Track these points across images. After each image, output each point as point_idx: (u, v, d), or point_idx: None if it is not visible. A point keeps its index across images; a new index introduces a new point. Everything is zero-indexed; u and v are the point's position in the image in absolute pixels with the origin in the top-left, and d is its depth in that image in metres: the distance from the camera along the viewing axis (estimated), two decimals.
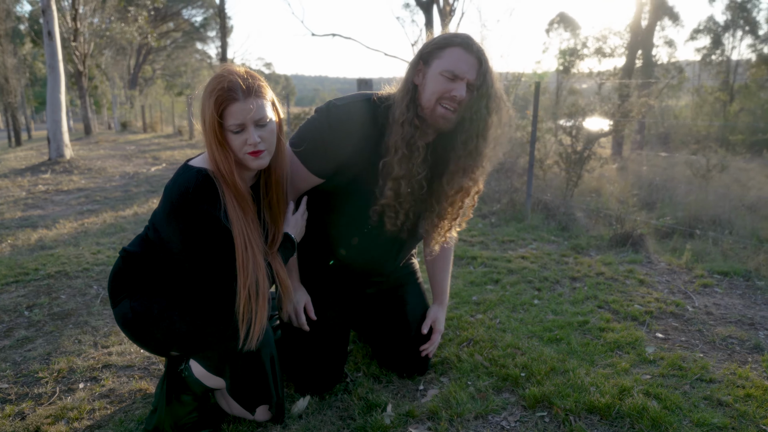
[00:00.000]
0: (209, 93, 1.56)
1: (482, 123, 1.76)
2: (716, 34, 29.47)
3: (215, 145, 1.57)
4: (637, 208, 6.66)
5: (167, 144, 17.12)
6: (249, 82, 1.59)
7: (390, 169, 1.80)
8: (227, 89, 1.55)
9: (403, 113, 1.73)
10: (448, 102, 1.71)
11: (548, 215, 5.54)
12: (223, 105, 1.55)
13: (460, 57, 1.67)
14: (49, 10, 11.50)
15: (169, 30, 43.75)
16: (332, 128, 1.79)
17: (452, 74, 1.67)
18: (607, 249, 4.50)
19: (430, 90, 1.71)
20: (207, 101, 1.56)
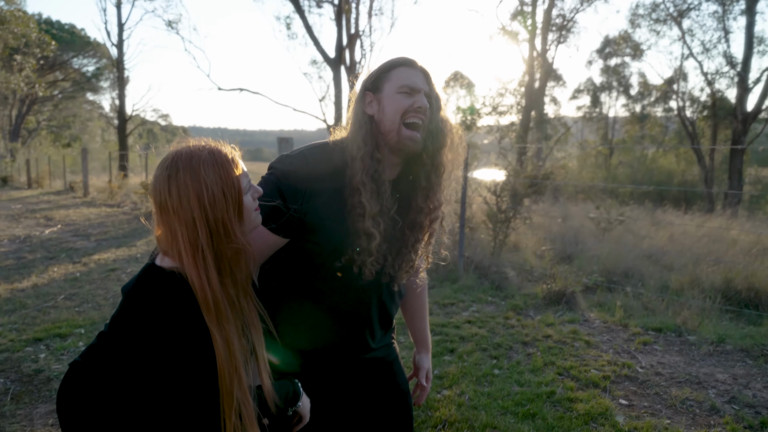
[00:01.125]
0: (217, 164, 1.32)
1: (443, 135, 1.74)
2: (595, 94, 32.46)
3: (229, 226, 1.33)
4: (555, 262, 6.98)
5: (59, 202, 15.86)
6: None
7: (361, 209, 1.70)
8: (232, 160, 1.37)
9: (360, 148, 1.65)
10: (413, 116, 1.66)
11: (481, 275, 5.63)
12: (237, 164, 1.37)
13: (410, 73, 1.66)
14: None
15: (57, 80, 41.37)
16: (288, 178, 1.67)
17: (409, 88, 1.65)
18: (544, 308, 4.62)
19: (391, 111, 1.65)
20: (221, 174, 1.32)
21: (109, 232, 9.61)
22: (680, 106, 20.52)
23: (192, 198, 1.32)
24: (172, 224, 1.33)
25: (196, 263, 1.32)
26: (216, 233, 1.33)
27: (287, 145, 8.24)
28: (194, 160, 1.32)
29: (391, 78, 1.66)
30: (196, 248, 1.32)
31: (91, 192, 17.57)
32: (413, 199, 1.78)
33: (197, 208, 1.32)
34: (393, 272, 1.90)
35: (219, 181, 1.32)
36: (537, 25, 19.73)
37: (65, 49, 40.22)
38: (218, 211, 1.32)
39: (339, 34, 19.35)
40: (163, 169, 1.32)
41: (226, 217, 1.33)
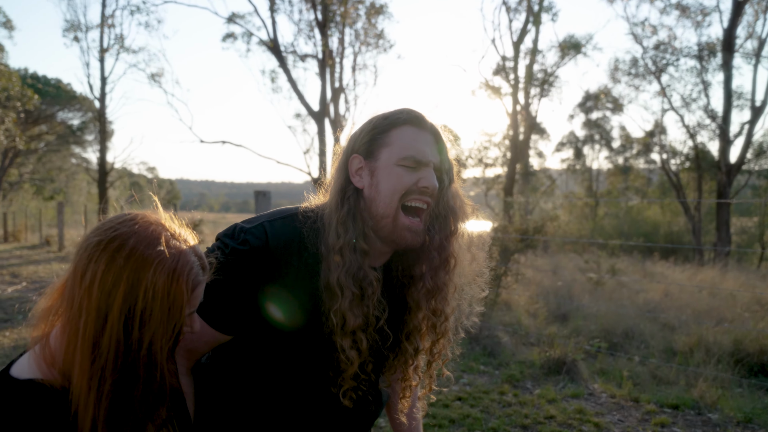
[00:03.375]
0: (175, 275, 0.93)
1: (455, 217, 1.30)
2: (577, 147, 32.81)
3: (158, 358, 0.94)
4: (549, 322, 6.54)
5: (31, 257, 15.19)
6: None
7: (339, 320, 1.22)
8: (197, 270, 0.98)
9: (339, 235, 1.20)
10: (417, 198, 1.22)
11: (471, 339, 5.17)
12: (196, 290, 0.99)
13: (415, 137, 1.22)
14: None
15: (42, 133, 41.14)
16: (240, 260, 1.18)
17: (414, 161, 1.20)
18: (543, 378, 4.15)
19: (387, 189, 1.21)
20: (172, 290, 0.93)
21: None
22: (663, 159, 20.62)
23: (117, 297, 0.89)
24: (76, 317, 0.91)
25: (89, 378, 0.91)
26: (134, 357, 0.92)
27: (264, 198, 7.85)
28: (147, 255, 0.92)
29: (390, 142, 1.23)
30: (94, 359, 0.91)
31: (66, 246, 16.94)
32: (413, 294, 1.31)
33: (116, 312, 0.90)
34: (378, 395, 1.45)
35: (165, 300, 0.92)
36: (519, 79, 19.95)
37: (51, 103, 40.20)
38: (146, 332, 0.91)
39: (323, 88, 19.37)
40: (110, 237, 0.92)
41: (157, 345, 0.92)
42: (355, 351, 1.21)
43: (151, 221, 0.97)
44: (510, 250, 5.59)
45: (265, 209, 7.78)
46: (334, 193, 1.25)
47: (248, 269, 1.17)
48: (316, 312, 1.22)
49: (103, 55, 21.77)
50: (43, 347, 0.96)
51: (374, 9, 19.25)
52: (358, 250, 1.20)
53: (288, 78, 19.29)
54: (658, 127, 20.85)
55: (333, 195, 1.25)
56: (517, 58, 19.85)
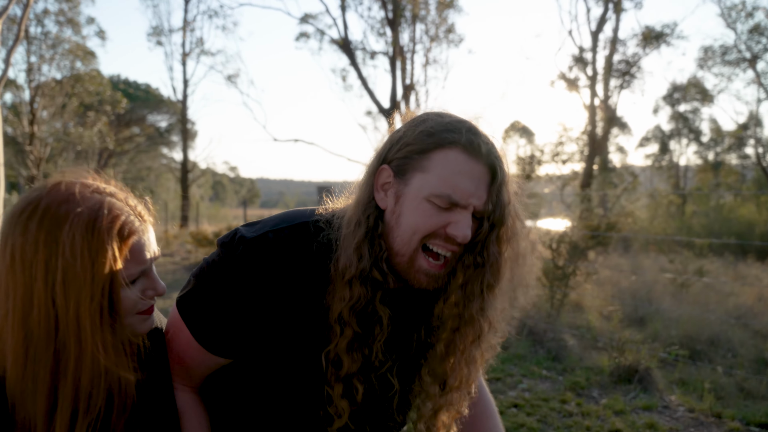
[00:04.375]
0: (93, 230, 0.83)
1: (492, 270, 1.05)
2: (663, 142, 31.02)
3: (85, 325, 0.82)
4: (625, 326, 6.08)
5: None
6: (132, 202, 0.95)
7: (335, 360, 1.03)
8: (128, 220, 0.89)
9: (352, 263, 1.00)
10: (440, 245, 0.99)
11: (535, 341, 4.86)
12: (128, 240, 0.88)
13: (461, 168, 0.96)
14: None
15: (133, 135, 43.81)
16: (241, 280, 1.00)
17: (450, 201, 0.95)
18: (611, 387, 3.81)
19: (409, 225, 0.98)
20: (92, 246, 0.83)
21: None
22: (759, 153, 19.01)
23: (38, 266, 0.81)
24: (3, 300, 0.82)
25: (24, 363, 0.82)
26: (64, 328, 0.82)
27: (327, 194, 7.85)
28: (61, 212, 0.83)
29: (429, 167, 0.97)
30: (26, 341, 0.82)
31: None
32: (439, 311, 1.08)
33: (40, 283, 0.81)
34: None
35: (86, 256, 0.82)
36: (598, 71, 19.02)
37: (141, 107, 42.80)
38: (71, 296, 0.81)
39: (393, 85, 19.29)
40: (22, 207, 0.84)
41: (84, 310, 0.82)
42: (346, 401, 1.03)
43: (65, 180, 0.87)
44: (579, 248, 5.22)
45: None
46: (354, 206, 1.05)
47: (246, 286, 1.00)
48: (317, 342, 1.04)
49: (185, 58, 22.74)
50: None
51: (444, 3, 18.96)
52: (370, 282, 1.00)
53: (358, 75, 19.37)
54: (753, 119, 19.27)
55: (353, 207, 1.05)
56: (596, 48, 18.93)
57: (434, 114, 1.04)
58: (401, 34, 19.17)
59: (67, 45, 22.72)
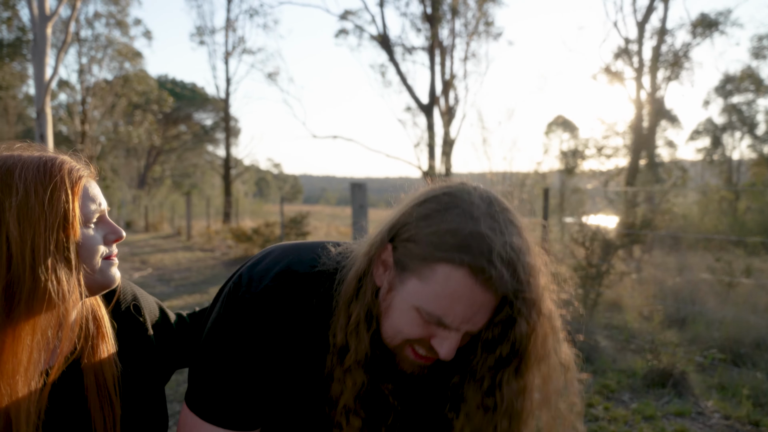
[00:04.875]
0: (44, 170, 0.86)
1: (509, 417, 0.91)
2: (715, 135, 29.83)
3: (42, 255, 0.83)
4: (665, 327, 5.85)
5: (162, 245, 16.59)
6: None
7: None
8: (76, 165, 0.92)
9: (350, 347, 0.92)
10: (424, 352, 0.91)
11: None
12: (79, 182, 0.90)
13: (462, 293, 0.83)
14: (42, 114, 11.39)
15: (180, 132, 45.05)
16: (255, 344, 0.96)
17: (438, 321, 0.86)
18: (643, 391, 3.66)
19: (393, 323, 0.91)
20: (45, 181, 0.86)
21: (190, 278, 9.64)
22: None
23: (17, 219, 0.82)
24: None
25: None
26: (18, 262, 0.82)
27: (360, 191, 7.83)
28: (10, 163, 0.86)
29: (427, 277, 0.84)
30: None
31: (193, 236, 18.28)
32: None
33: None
34: None
35: (40, 191, 0.84)
36: (644, 62, 18.40)
37: (188, 105, 43.97)
38: (27, 230, 0.82)
39: (432, 80, 19.17)
40: None
41: (39, 240, 0.81)
42: None
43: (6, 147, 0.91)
44: (613, 246, 5.05)
45: (361, 202, 7.76)
46: (354, 272, 0.95)
47: (250, 350, 0.95)
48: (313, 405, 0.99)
49: (228, 57, 23.18)
50: None
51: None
52: (371, 365, 0.93)
53: (397, 71, 19.34)
54: None
55: (353, 273, 0.95)
56: (642, 39, 18.30)
57: (458, 203, 0.87)
58: (440, 29, 19.02)
59: (116, 46, 23.48)
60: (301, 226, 11.99)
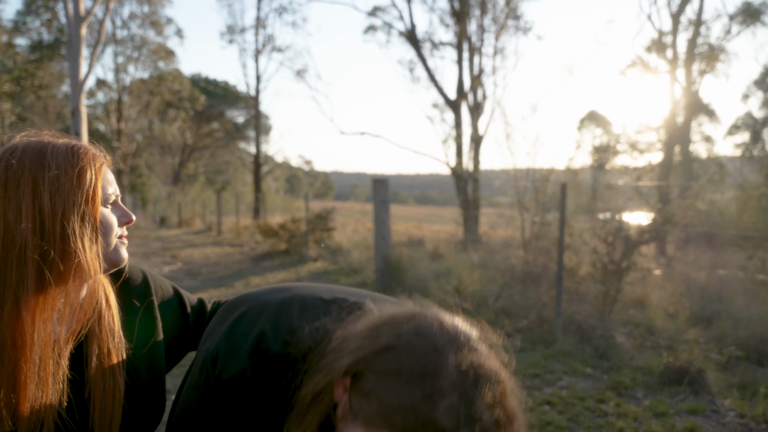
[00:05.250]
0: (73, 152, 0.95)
1: None
2: (755, 130, 28.88)
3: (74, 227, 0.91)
4: (690, 325, 5.73)
5: (193, 241, 16.95)
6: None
7: None
8: (96, 153, 1.00)
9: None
10: None
11: (582, 337, 4.69)
12: (101, 167, 0.99)
13: None
14: (77, 112, 11.75)
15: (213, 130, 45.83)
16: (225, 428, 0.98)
17: None
18: (657, 389, 3.61)
19: None
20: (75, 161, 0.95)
21: (217, 272, 9.84)
22: None
23: (26, 185, 0.90)
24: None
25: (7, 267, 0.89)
26: (50, 232, 0.90)
27: (382, 187, 7.88)
28: (41, 144, 0.94)
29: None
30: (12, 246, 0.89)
31: (224, 231, 18.60)
32: None
33: (29, 198, 0.90)
34: None
35: (70, 171, 0.92)
36: (678, 55, 17.93)
37: (220, 103, 44.68)
38: (58, 204, 0.90)
39: (459, 76, 19.05)
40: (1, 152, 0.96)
41: (71, 214, 0.90)
42: None
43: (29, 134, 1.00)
44: (633, 242, 4.97)
45: (383, 197, 7.79)
46: (313, 385, 0.88)
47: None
48: None
49: (258, 55, 23.47)
50: None
51: None
52: None
53: (424, 67, 19.28)
54: None
55: (312, 385, 0.88)
56: (676, 31, 17.84)
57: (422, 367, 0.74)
58: (468, 24, 18.88)
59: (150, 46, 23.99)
60: (327, 222, 12.10)
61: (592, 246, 5.39)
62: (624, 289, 5.36)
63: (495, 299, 5.89)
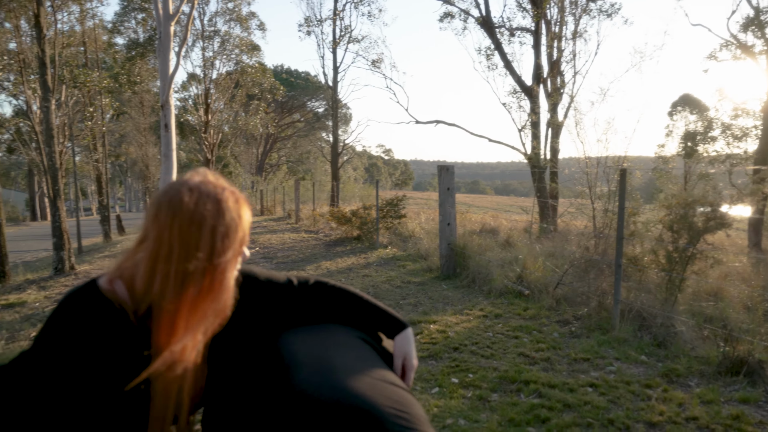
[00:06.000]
0: (238, 199, 1.25)
1: None
2: None
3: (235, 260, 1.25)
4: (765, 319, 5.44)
5: (272, 227, 17.72)
6: None
7: None
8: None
9: None
10: None
11: (642, 326, 4.60)
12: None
13: None
14: (167, 105, 12.55)
15: (294, 121, 47.27)
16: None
17: None
18: (713, 378, 3.53)
19: None
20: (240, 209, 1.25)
21: (291, 256, 10.30)
22: None
23: (207, 226, 1.17)
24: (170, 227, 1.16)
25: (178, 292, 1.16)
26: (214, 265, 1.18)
27: (447, 173, 7.96)
28: (218, 193, 1.22)
29: None
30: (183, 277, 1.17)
31: (302, 218, 19.28)
32: None
33: (207, 235, 1.17)
34: None
35: (237, 218, 1.22)
36: None
37: (302, 94, 45.95)
38: (228, 245, 1.19)
39: (536, 62, 18.59)
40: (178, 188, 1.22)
41: (232, 254, 1.21)
42: None
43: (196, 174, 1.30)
44: (698, 230, 4.78)
45: (448, 184, 7.88)
46: None
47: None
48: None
49: (336, 46, 23.96)
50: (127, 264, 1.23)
51: None
52: None
53: (500, 54, 18.96)
54: None
55: None
56: None
57: None
58: (547, 9, 18.36)
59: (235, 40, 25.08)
60: (398, 209, 12.32)
61: (657, 234, 5.23)
62: (691, 278, 5.17)
63: (555, 286, 5.86)
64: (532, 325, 4.85)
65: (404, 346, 1.42)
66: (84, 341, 1.13)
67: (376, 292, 6.60)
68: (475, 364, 3.81)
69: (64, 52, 13.57)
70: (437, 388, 3.41)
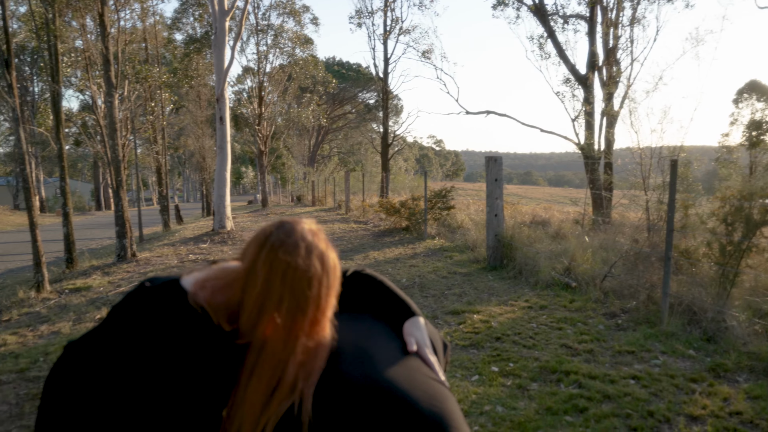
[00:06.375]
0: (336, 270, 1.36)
1: None
2: None
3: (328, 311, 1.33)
4: None
5: (323, 217, 18.05)
6: None
7: None
8: None
9: None
10: None
11: (691, 320, 4.50)
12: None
13: None
14: (222, 99, 12.99)
15: (345, 112, 47.71)
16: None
17: None
18: (763, 374, 3.44)
19: None
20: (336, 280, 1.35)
21: (340, 246, 10.50)
22: None
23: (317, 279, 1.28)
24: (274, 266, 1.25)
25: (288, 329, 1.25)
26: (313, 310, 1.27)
27: (495, 164, 7.92)
28: (324, 249, 1.31)
29: None
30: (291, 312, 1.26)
31: (352, 209, 19.54)
32: None
33: (317, 288, 1.27)
34: None
35: (334, 280, 1.31)
36: None
37: (353, 85, 46.29)
38: (330, 297, 1.29)
39: (591, 50, 18.07)
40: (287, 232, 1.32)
41: (326, 305, 1.29)
42: None
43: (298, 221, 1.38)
44: (754, 223, 4.62)
45: (496, 175, 7.86)
46: None
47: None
48: None
49: (386, 38, 24.03)
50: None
51: None
52: None
53: (554, 42, 18.56)
54: None
55: None
56: None
57: None
58: None
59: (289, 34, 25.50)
60: (446, 200, 12.34)
61: (711, 226, 5.08)
62: (747, 272, 5.00)
63: (603, 279, 5.78)
64: (577, 317, 4.82)
65: (411, 327, 1.46)
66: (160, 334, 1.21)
67: (422, 282, 6.68)
68: (517, 353, 3.85)
69: (126, 49, 14.21)
70: (477, 375, 3.47)
